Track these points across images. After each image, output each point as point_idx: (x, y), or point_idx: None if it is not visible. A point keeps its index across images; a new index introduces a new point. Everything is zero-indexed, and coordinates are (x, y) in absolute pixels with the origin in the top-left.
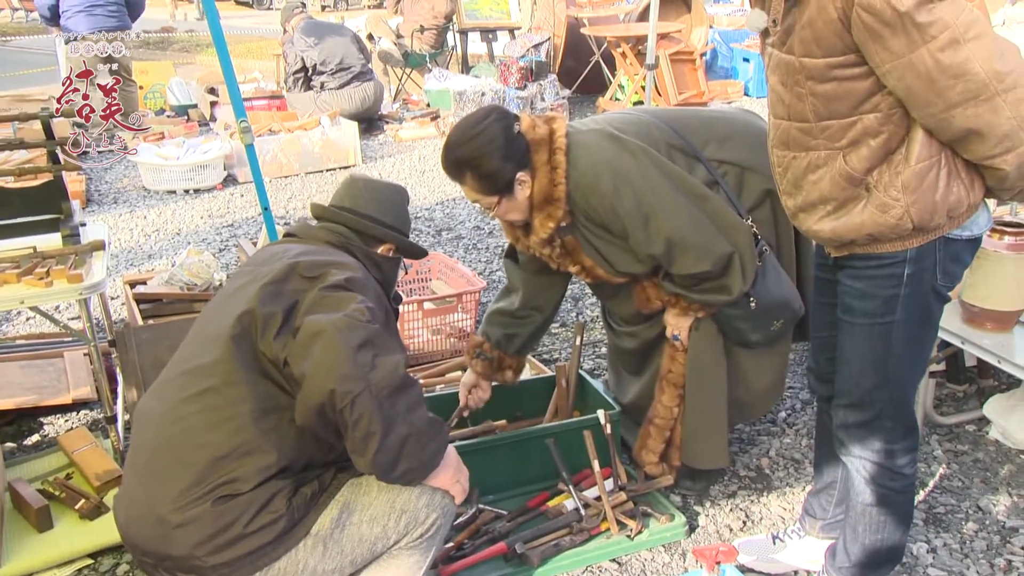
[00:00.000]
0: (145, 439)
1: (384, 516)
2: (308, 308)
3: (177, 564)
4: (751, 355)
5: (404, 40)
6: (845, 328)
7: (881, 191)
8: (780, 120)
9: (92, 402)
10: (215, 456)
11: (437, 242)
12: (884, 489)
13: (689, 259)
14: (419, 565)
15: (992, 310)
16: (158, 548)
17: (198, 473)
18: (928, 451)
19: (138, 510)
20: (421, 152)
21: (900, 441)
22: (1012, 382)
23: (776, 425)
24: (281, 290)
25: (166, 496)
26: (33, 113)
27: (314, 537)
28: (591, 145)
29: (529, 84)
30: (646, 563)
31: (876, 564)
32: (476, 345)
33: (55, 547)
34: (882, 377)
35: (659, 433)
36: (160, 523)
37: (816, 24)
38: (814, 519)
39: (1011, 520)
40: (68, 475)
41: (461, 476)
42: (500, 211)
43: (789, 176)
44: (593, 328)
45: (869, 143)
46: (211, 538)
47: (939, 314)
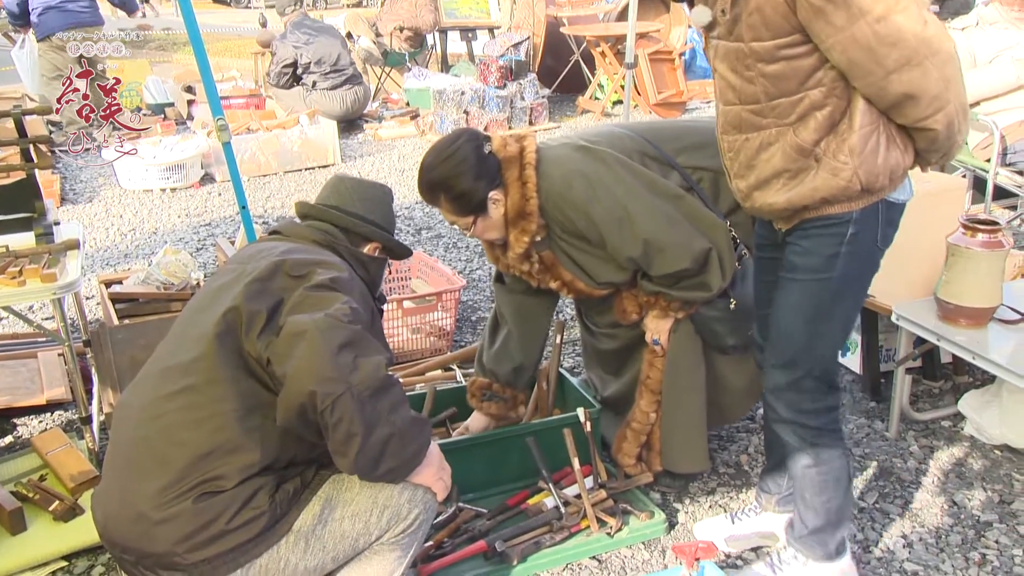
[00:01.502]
0: (124, 437)
1: (366, 512)
2: (292, 308)
3: (157, 561)
4: (729, 360)
5: (383, 39)
6: (784, 286)
7: (831, 157)
8: (730, 106)
9: (66, 403)
10: (197, 454)
11: (417, 240)
12: (816, 449)
13: (667, 258)
14: (400, 561)
15: (966, 307)
16: (138, 545)
17: (179, 471)
18: (904, 447)
19: (117, 507)
20: (401, 151)
21: (823, 399)
22: (987, 378)
23: (755, 422)
24: (266, 288)
25: (146, 493)
26: (5, 111)
27: (296, 534)
28: (561, 156)
29: (509, 83)
30: (626, 560)
31: (831, 526)
32: (483, 388)
33: (29, 549)
34: (812, 334)
35: (635, 437)
36: (140, 520)
37: (764, 10)
38: (769, 495)
39: (985, 515)
40: (42, 476)
41: (444, 473)
42: (477, 231)
43: (741, 158)
44: (573, 327)
45: (816, 116)
46: (192, 535)
47: (870, 277)
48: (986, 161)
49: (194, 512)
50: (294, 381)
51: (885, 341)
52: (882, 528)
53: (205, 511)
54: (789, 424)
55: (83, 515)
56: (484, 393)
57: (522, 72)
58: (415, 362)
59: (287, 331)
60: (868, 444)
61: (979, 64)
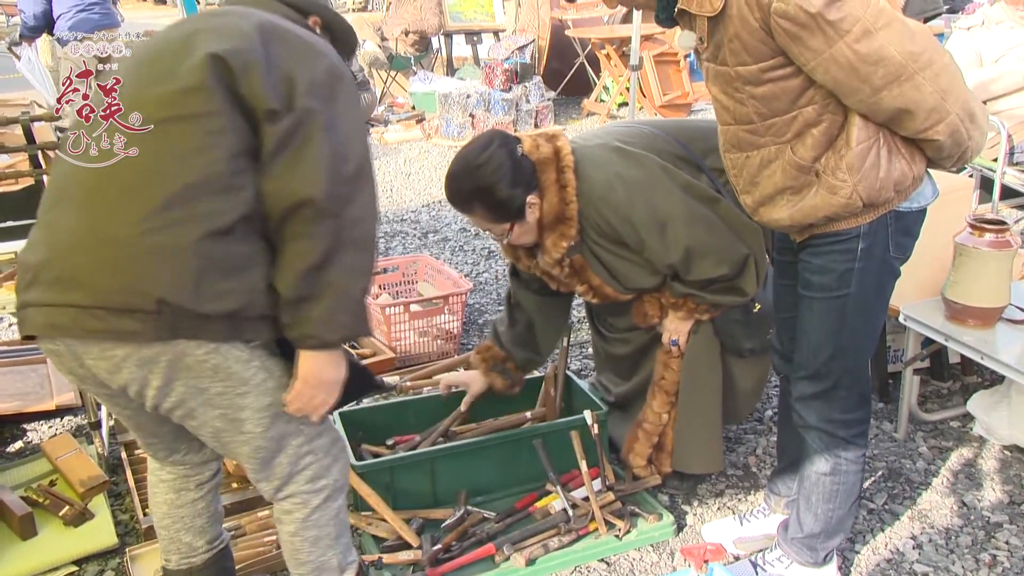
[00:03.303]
0: (73, 172)
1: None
2: (305, 88)
3: (125, 301)
4: (739, 362)
5: (389, 43)
6: (804, 303)
7: (829, 175)
8: (728, 126)
9: (76, 408)
10: (185, 183)
11: (423, 244)
12: (837, 459)
13: (707, 264)
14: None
15: (974, 307)
16: (104, 278)
17: (164, 199)
18: (913, 448)
19: (74, 238)
20: (407, 154)
21: (854, 411)
22: (995, 378)
23: (763, 423)
24: (251, 45)
25: (123, 219)
26: (13, 117)
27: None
28: (599, 159)
29: (514, 86)
30: (634, 563)
31: (826, 535)
32: (500, 360)
33: (39, 554)
34: (837, 348)
35: (647, 438)
36: (116, 245)
37: (742, 36)
38: (779, 496)
39: (995, 515)
40: (52, 482)
41: (333, 389)
42: (513, 237)
43: (744, 175)
44: (580, 329)
45: (812, 133)
46: (202, 274)
47: (891, 286)
48: (993, 160)
49: (198, 247)
50: (295, 174)
51: (893, 342)
52: (891, 529)
53: (212, 250)
54: (815, 430)
55: (93, 520)
56: (497, 365)
57: (527, 75)
58: (422, 365)
59: (298, 120)
60: (877, 445)
61: (985, 63)
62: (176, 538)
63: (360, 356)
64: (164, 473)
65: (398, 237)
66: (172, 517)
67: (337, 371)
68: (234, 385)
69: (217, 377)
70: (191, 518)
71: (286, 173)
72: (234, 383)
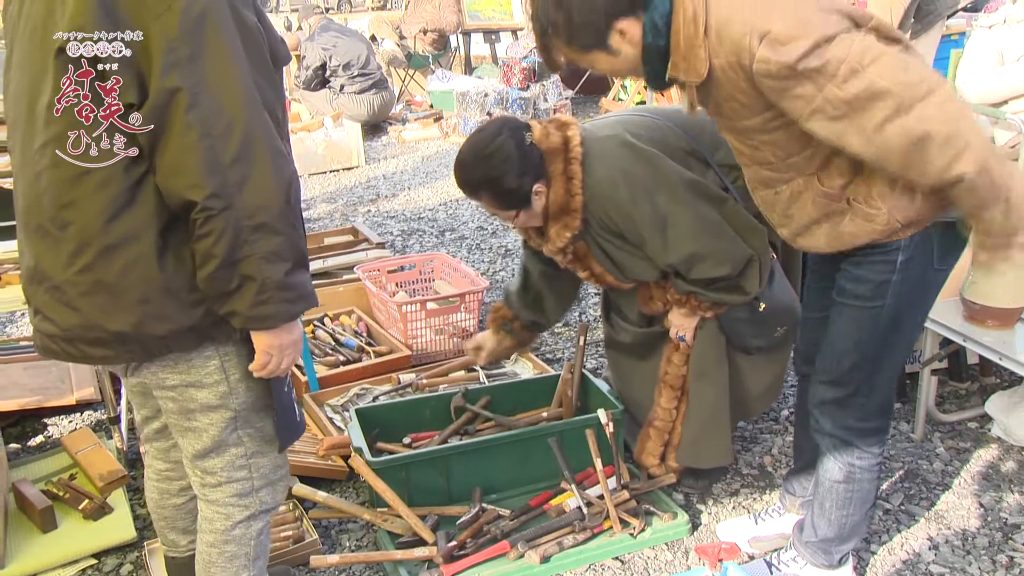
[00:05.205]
0: (18, 185)
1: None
2: (162, 54)
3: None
4: (749, 359)
5: (407, 42)
6: (836, 308)
7: (862, 203)
8: (748, 167)
9: (95, 403)
10: (95, 209)
11: (440, 243)
12: (851, 467)
13: (708, 264)
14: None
15: (993, 308)
16: (63, 318)
17: (80, 231)
18: (930, 448)
19: (30, 274)
20: (424, 153)
21: (872, 421)
22: (1014, 379)
23: (779, 423)
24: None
25: (55, 258)
26: None
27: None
28: (607, 153)
29: (532, 85)
30: (649, 561)
31: (840, 539)
32: (509, 319)
33: (59, 547)
34: (862, 358)
35: (659, 436)
36: (58, 289)
37: (736, 96)
38: (794, 496)
39: (1013, 517)
40: (72, 475)
41: (295, 346)
42: (519, 222)
43: (777, 210)
44: (596, 328)
45: (836, 162)
46: (146, 302)
47: (931, 299)
48: (1013, 161)
49: (128, 279)
50: (172, 174)
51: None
52: (908, 530)
53: (147, 274)
54: (830, 437)
55: (112, 513)
56: (506, 325)
57: (545, 74)
58: (438, 363)
59: (153, 107)
60: (893, 446)
61: (1007, 62)
62: (161, 530)
63: (376, 354)
64: (157, 463)
65: (415, 235)
66: (157, 515)
67: (291, 334)
68: (191, 381)
69: (176, 369)
70: (174, 519)
71: (162, 174)
72: (192, 377)
